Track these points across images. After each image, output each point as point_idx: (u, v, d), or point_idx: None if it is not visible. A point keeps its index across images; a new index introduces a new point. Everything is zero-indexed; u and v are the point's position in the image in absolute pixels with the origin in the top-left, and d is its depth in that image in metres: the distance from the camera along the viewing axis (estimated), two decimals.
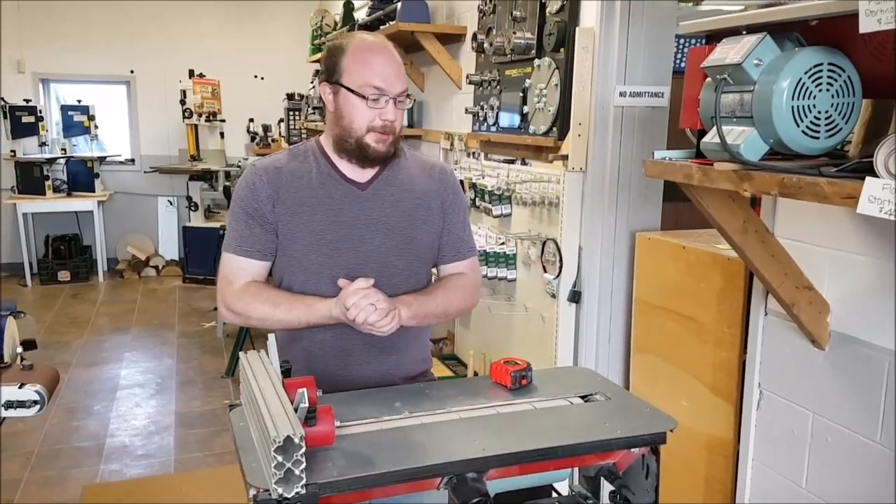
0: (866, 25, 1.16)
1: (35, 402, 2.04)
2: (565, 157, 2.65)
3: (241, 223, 1.71)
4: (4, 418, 2.14)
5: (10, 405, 2.02)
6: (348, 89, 1.63)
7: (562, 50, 2.65)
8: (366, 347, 1.72)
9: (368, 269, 1.68)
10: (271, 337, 1.42)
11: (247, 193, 1.70)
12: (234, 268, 1.71)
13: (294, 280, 1.71)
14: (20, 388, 2.04)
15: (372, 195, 1.72)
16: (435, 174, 1.82)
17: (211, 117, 7.13)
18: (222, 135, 7.40)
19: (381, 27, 4.09)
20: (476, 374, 3.41)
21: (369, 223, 1.71)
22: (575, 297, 2.72)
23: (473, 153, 3.54)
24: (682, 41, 3.04)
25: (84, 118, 7.20)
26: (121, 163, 7.74)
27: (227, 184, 6.79)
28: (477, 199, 3.26)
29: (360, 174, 1.72)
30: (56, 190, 7.08)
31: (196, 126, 7.17)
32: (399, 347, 1.76)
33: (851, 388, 1.71)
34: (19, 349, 2.21)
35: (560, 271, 2.72)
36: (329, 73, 1.66)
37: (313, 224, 1.68)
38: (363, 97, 1.62)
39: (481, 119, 3.31)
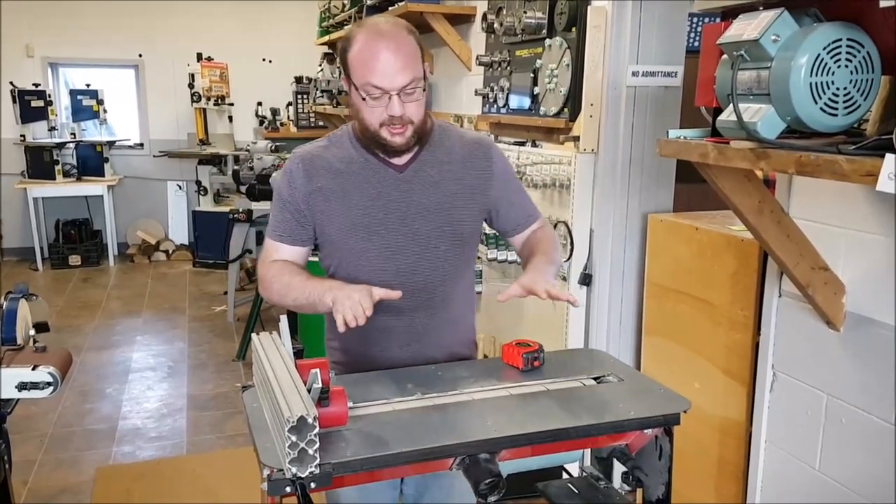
0: (886, 0, 1.13)
1: (48, 384, 2.05)
2: (577, 139, 2.63)
3: (276, 209, 1.73)
4: (18, 400, 2.16)
5: (23, 386, 2.03)
6: (354, 86, 1.60)
7: (573, 29, 2.61)
8: (405, 331, 1.72)
9: (409, 252, 1.67)
10: (283, 318, 1.42)
11: (284, 181, 1.71)
12: (270, 251, 1.74)
13: (335, 264, 1.72)
14: (33, 369, 2.04)
15: (411, 177, 1.69)
16: (479, 152, 1.76)
17: (219, 101, 7.11)
18: (231, 118, 7.40)
19: (390, 8, 4.05)
20: (486, 357, 3.41)
21: (409, 206, 1.68)
22: (586, 279, 2.71)
23: None
24: (695, 20, 3.00)
25: (93, 102, 7.20)
26: (130, 147, 7.76)
27: (235, 168, 6.78)
28: None
29: (398, 157, 1.69)
30: (66, 174, 7.10)
31: (204, 110, 7.17)
32: (440, 331, 1.75)
33: (866, 370, 1.70)
34: (32, 331, 2.21)
35: (571, 254, 2.71)
36: (343, 66, 1.64)
37: (349, 208, 1.67)
38: (364, 96, 1.58)
39: (491, 101, 3.28)
